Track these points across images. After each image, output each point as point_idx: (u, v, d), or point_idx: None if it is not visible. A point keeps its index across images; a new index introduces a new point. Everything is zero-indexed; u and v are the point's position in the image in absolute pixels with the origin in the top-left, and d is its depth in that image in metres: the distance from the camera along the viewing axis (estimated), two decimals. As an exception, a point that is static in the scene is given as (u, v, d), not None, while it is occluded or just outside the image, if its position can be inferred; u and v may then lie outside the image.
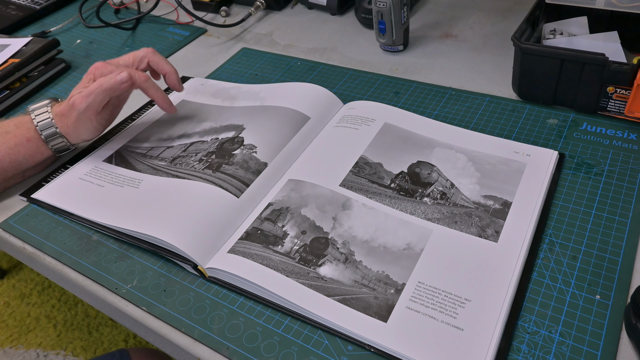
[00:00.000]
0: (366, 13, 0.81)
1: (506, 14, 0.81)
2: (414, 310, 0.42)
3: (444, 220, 0.48)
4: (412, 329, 0.40)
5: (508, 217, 0.48)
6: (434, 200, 0.50)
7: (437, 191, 0.51)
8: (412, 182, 0.53)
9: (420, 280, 0.44)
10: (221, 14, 0.93)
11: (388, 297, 0.43)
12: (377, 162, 0.55)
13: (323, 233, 0.48)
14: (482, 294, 0.42)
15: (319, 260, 0.46)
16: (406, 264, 0.45)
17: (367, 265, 0.45)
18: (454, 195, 0.51)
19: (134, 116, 0.70)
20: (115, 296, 0.48)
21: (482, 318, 0.40)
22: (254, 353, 0.42)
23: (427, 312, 0.41)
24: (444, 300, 0.42)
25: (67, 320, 1.38)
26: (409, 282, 0.44)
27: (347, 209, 0.50)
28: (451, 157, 0.55)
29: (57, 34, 0.94)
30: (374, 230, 0.48)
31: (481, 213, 0.49)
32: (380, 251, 0.46)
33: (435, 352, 0.39)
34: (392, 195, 0.51)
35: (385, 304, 0.42)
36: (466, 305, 0.41)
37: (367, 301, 0.43)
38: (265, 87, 0.69)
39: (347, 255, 0.46)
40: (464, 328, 0.40)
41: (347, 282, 0.44)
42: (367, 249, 0.47)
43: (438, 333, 0.40)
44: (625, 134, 0.56)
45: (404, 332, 0.40)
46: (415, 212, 0.50)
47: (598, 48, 0.56)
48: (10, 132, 0.58)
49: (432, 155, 0.55)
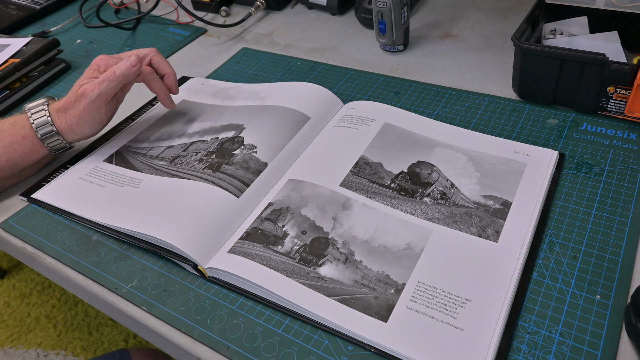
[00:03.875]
0: (366, 13, 0.81)
1: (506, 14, 0.81)
2: (414, 310, 0.42)
3: (444, 220, 0.48)
4: (413, 328, 0.40)
5: (508, 217, 0.48)
6: (434, 200, 0.50)
7: (437, 191, 0.51)
8: (412, 182, 0.53)
9: (421, 280, 0.44)
10: (221, 14, 0.93)
11: (388, 297, 0.43)
12: (377, 162, 0.55)
13: (323, 233, 0.48)
14: (482, 294, 0.42)
15: (319, 260, 0.46)
16: (406, 264, 0.45)
17: (367, 265, 0.45)
18: (454, 195, 0.51)
19: (134, 116, 0.70)
20: (115, 296, 0.48)
21: (482, 318, 0.40)
22: (254, 353, 0.42)
23: (427, 312, 0.41)
24: (444, 300, 0.42)
25: (67, 320, 1.38)
26: (409, 282, 0.44)
27: (347, 209, 0.50)
28: (451, 157, 0.55)
29: (57, 34, 0.94)
30: (374, 230, 0.48)
31: (481, 213, 0.49)
32: (381, 251, 0.46)
33: (435, 352, 0.39)
34: (393, 195, 0.51)
35: (386, 304, 0.42)
36: (466, 305, 0.41)
37: (367, 301, 0.43)
38: (265, 87, 0.69)
39: (347, 255, 0.46)
40: (464, 328, 0.40)
41: (347, 282, 0.44)
42: (368, 249, 0.47)
43: (438, 333, 0.40)
44: (626, 134, 0.56)
45: (404, 332, 0.40)
46: (416, 212, 0.50)
47: (598, 48, 0.56)
48: (6, 130, 0.58)
49: (432, 155, 0.55)
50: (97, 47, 0.90)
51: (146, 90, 0.68)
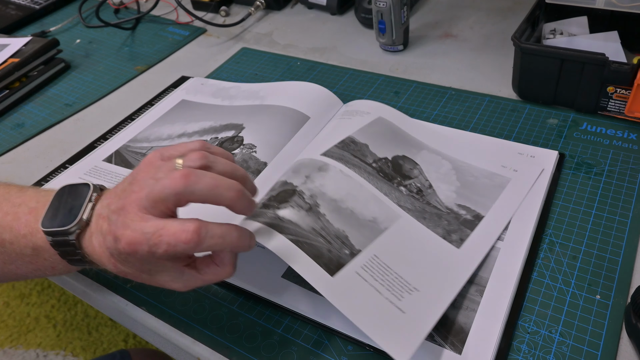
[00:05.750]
0: (366, 13, 0.81)
1: (506, 13, 0.81)
2: (362, 278, 0.41)
3: (414, 212, 0.48)
4: (356, 292, 0.40)
5: (476, 229, 0.47)
6: (409, 192, 0.50)
7: (414, 186, 0.51)
8: (393, 170, 0.52)
9: (377, 254, 0.43)
10: (221, 13, 0.93)
11: (341, 256, 0.42)
12: (364, 142, 0.54)
13: (292, 186, 0.47)
14: (429, 288, 0.42)
15: (280, 204, 0.45)
16: (368, 234, 0.44)
17: (329, 220, 0.44)
18: (430, 195, 0.50)
19: (134, 116, 0.70)
20: (115, 296, 0.48)
21: (425, 309, 0.40)
22: (254, 353, 0.42)
23: (374, 285, 0.41)
24: (394, 281, 0.41)
25: (67, 320, 1.38)
26: (365, 251, 0.43)
27: (322, 171, 0.49)
28: (436, 161, 0.54)
29: (57, 34, 0.94)
30: (345, 193, 0.47)
31: (451, 219, 0.48)
32: (347, 213, 0.46)
33: (371, 320, 0.38)
34: (371, 172, 0.51)
35: (337, 261, 0.41)
36: (413, 293, 0.41)
37: (319, 250, 0.42)
38: (264, 86, 0.69)
39: (312, 205, 0.45)
40: (405, 312, 0.39)
41: (305, 227, 0.43)
42: (334, 207, 0.46)
43: (379, 306, 0.39)
44: (626, 133, 0.56)
45: (348, 291, 0.39)
46: (389, 195, 0.49)
47: (598, 48, 0.56)
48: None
49: (418, 155, 0.55)
50: (96, 46, 0.89)
51: (146, 91, 0.68)
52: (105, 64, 0.84)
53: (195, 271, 0.38)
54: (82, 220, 0.37)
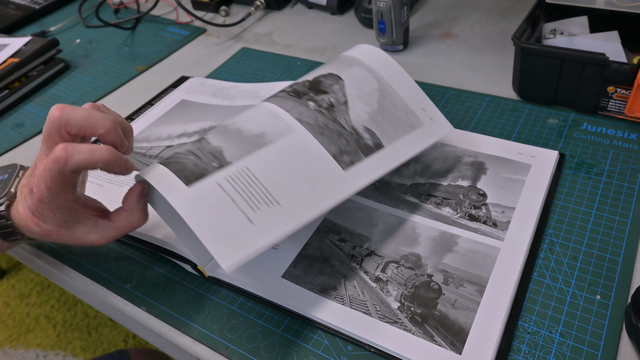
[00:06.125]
0: (366, 13, 0.81)
1: (506, 13, 0.81)
2: (221, 188, 0.40)
3: (313, 127, 0.46)
4: (209, 201, 0.39)
5: (371, 156, 0.46)
6: (317, 107, 0.48)
7: (326, 101, 0.49)
8: (309, 87, 0.50)
9: (248, 166, 0.42)
10: (221, 13, 0.93)
11: (208, 169, 0.41)
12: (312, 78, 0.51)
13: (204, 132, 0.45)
14: (293, 204, 0.41)
15: None
16: (247, 147, 0.43)
17: (209, 140, 0.44)
18: (339, 112, 0.48)
19: (134, 116, 0.70)
20: (114, 296, 0.48)
21: (277, 221, 0.40)
22: (254, 353, 0.42)
23: (232, 195, 0.40)
24: (256, 192, 0.40)
25: (67, 320, 1.38)
26: (236, 164, 0.42)
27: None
28: (364, 78, 0.52)
29: (57, 34, 0.94)
30: (241, 118, 0.46)
31: (351, 139, 0.47)
32: (232, 132, 0.44)
33: (212, 227, 0.38)
34: (280, 95, 0.49)
35: (200, 173, 0.40)
36: (272, 207, 0.40)
37: (185, 165, 0.41)
38: (264, 86, 0.69)
39: (201, 133, 0.43)
40: (255, 223, 0.39)
41: (181, 151, 0.42)
42: (221, 130, 0.45)
43: (228, 215, 0.39)
44: (626, 133, 0.56)
45: (200, 201, 0.39)
46: (291, 111, 0.47)
47: (598, 48, 0.56)
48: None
49: (347, 71, 0.52)
50: (96, 46, 0.89)
51: (146, 90, 0.68)
52: (105, 64, 0.84)
53: (107, 220, 0.43)
54: (10, 192, 0.44)
